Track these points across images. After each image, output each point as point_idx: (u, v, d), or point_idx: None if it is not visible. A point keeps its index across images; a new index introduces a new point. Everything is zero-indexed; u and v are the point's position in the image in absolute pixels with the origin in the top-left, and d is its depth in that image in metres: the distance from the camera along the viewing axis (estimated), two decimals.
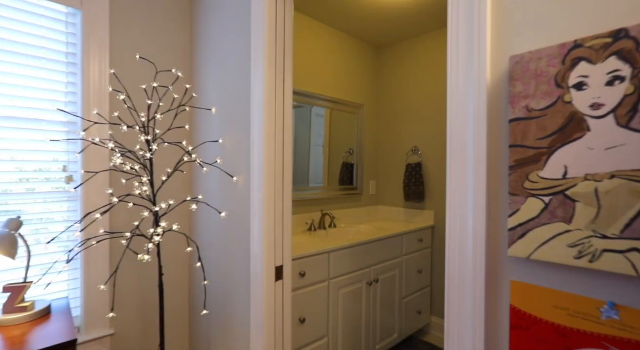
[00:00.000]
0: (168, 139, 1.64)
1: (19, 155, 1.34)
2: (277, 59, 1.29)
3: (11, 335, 1.09)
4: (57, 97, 1.43)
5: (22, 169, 1.35)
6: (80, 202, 1.47)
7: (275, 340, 1.31)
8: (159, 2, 1.67)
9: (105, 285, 1.21)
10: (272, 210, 1.27)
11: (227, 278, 1.46)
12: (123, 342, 1.58)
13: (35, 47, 1.38)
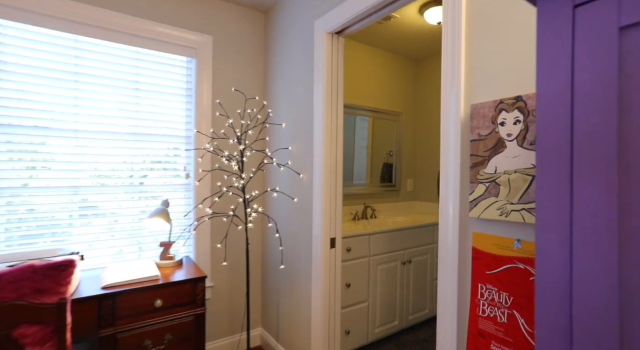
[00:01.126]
0: (254, 147, 2.24)
1: (159, 159, 2.01)
2: (332, 87, 1.81)
3: (166, 272, 1.72)
4: (179, 119, 2.08)
5: (165, 168, 2.02)
6: (193, 192, 2.11)
7: (329, 292, 1.82)
8: (243, 50, 2.28)
9: (220, 244, 1.82)
10: (327, 197, 1.79)
11: (294, 245, 2.01)
12: (218, 291, 2.21)
13: (166, 86, 2.03)
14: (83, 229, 1.80)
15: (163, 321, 1.60)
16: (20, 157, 1.64)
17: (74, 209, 1.77)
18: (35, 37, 1.67)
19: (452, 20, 1.12)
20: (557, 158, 0.48)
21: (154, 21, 1.95)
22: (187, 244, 2.12)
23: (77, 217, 1.78)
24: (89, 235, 1.81)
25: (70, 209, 1.76)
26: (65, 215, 1.76)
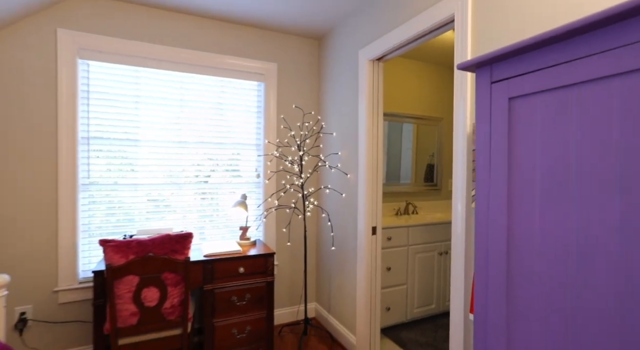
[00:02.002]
0: (311, 153, 2.74)
1: (240, 163, 2.58)
2: (373, 104, 2.21)
3: (244, 249, 2.27)
4: (251, 131, 2.64)
5: (250, 170, 2.59)
6: (263, 188, 2.66)
7: (371, 272, 2.22)
8: (301, 73, 2.78)
9: (285, 229, 2.33)
10: (369, 193, 2.19)
11: (343, 232, 2.45)
12: (281, 269, 2.73)
13: (242, 105, 2.60)
14: (179, 214, 2.43)
15: (244, 284, 2.14)
16: (154, 162, 2.31)
17: (171, 200, 2.41)
18: (156, 76, 2.33)
19: (461, 50, 1.47)
20: (483, 167, 0.86)
21: (232, 56, 2.53)
22: (259, 229, 2.67)
23: (172, 205, 2.42)
24: (183, 220, 2.44)
25: (169, 200, 2.41)
26: (162, 204, 2.40)
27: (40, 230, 2.05)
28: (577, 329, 0.67)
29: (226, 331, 2.09)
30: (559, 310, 0.71)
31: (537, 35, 0.71)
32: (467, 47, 1.45)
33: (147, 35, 2.27)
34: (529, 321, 0.76)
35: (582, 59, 0.66)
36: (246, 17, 2.43)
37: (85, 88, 2.17)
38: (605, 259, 0.63)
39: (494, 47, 1.34)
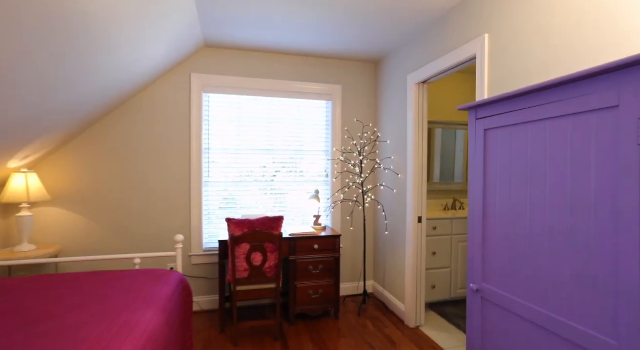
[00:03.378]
0: (369, 157, 3.36)
1: (311, 166, 3.30)
2: (419, 118, 2.74)
3: (318, 232, 2.97)
4: (321, 140, 3.34)
5: (321, 172, 3.31)
6: (330, 186, 3.34)
7: (417, 255, 2.76)
8: (361, 91, 3.40)
9: (349, 217, 3.00)
10: (416, 189, 2.74)
11: (394, 220, 3.02)
12: (345, 251, 3.39)
13: (315, 119, 3.32)
14: (269, 203, 3.22)
15: (318, 257, 2.84)
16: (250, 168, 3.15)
17: (262, 194, 3.21)
18: (252, 100, 3.15)
19: (480, 82, 1.97)
20: (473, 167, 1.41)
21: (306, 82, 3.25)
22: (328, 218, 3.37)
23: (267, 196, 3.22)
24: (272, 208, 3.23)
25: (261, 194, 3.20)
26: (257, 196, 3.20)
27: (180, 214, 2.98)
28: (513, 247, 1.20)
29: (304, 292, 2.81)
30: (505, 238, 1.24)
31: (496, 96, 1.25)
32: (484, 80, 1.95)
33: (247, 71, 3.10)
34: (492, 245, 1.30)
35: (517, 111, 1.18)
36: (318, 50, 3.14)
37: (207, 113, 3.06)
38: (523, 217, 1.16)
39: (503, 82, 1.83)
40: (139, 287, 1.79)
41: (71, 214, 2.74)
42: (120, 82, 2.40)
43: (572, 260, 1.02)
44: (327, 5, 2.23)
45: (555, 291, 1.07)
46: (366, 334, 2.66)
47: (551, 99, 1.08)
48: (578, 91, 0.99)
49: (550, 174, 1.09)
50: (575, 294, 1.01)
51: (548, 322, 1.08)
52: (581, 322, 0.98)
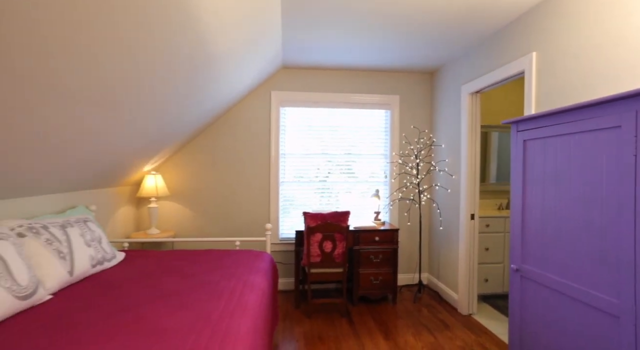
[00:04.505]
0: (424, 160, 3.70)
1: (370, 167, 3.73)
2: (472, 124, 3.02)
3: (378, 226, 3.38)
4: (380, 145, 3.75)
5: (376, 173, 3.73)
6: (389, 185, 3.73)
7: (469, 249, 3.04)
8: (417, 100, 3.75)
9: (406, 213, 3.38)
10: (469, 188, 3.02)
11: (448, 217, 3.32)
12: (401, 245, 3.75)
13: (374, 127, 3.73)
14: (334, 200, 3.70)
15: (378, 248, 3.25)
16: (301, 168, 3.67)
17: (327, 192, 3.70)
18: (319, 111, 3.67)
19: (527, 95, 2.24)
20: (515, 172, 1.74)
21: (367, 93, 3.68)
22: (386, 214, 3.76)
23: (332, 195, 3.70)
24: (337, 204, 3.70)
25: (327, 192, 3.70)
26: (324, 194, 3.70)
27: (260, 208, 3.60)
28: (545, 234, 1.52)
29: (366, 277, 3.24)
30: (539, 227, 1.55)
31: (531, 114, 1.57)
32: (531, 94, 2.21)
33: (316, 87, 3.62)
34: (529, 232, 1.62)
35: (549, 126, 1.49)
36: (378, 65, 3.55)
37: (283, 123, 3.65)
38: (552, 210, 1.47)
39: (549, 97, 2.09)
40: (244, 261, 2.38)
41: (181, 207, 3.49)
42: (220, 103, 3.06)
43: (588, 243, 1.33)
44: (393, 28, 2.64)
45: (575, 267, 1.38)
46: (421, 317, 3.01)
47: (574, 118, 1.40)
48: (593, 113, 1.31)
49: (573, 176, 1.41)
50: (589, 268, 1.32)
51: (570, 290, 1.40)
52: (593, 288, 1.30)
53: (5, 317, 1.38)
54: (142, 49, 1.51)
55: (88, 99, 1.57)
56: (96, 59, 1.36)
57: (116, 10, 1.20)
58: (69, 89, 1.42)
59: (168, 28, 1.52)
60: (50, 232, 1.81)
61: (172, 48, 1.69)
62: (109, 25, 1.24)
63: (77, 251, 1.90)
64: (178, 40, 1.66)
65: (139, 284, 1.86)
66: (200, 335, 1.28)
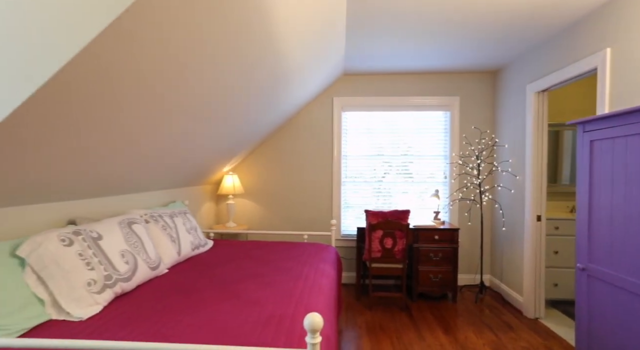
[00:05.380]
0: (486, 160, 3.67)
1: (427, 168, 3.80)
2: (538, 124, 2.96)
3: (437, 225, 3.45)
4: (439, 146, 3.79)
5: (433, 174, 3.80)
6: (449, 186, 3.77)
7: (535, 252, 2.97)
8: (478, 101, 3.73)
9: (467, 213, 3.40)
10: (535, 189, 2.96)
11: (512, 218, 3.27)
12: (462, 245, 3.75)
13: (433, 129, 3.79)
14: (394, 199, 3.83)
15: (437, 247, 3.32)
16: (374, 168, 3.84)
17: (386, 191, 3.84)
18: (379, 114, 3.83)
19: (601, 92, 2.18)
20: (581, 172, 1.76)
21: (426, 96, 3.76)
22: (446, 214, 3.80)
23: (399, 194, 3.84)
24: (395, 203, 3.83)
25: (385, 191, 3.84)
26: (382, 193, 3.84)
27: (323, 206, 3.87)
28: (613, 234, 1.53)
29: (425, 274, 3.33)
30: (607, 227, 1.57)
31: (597, 115, 1.59)
32: (605, 92, 2.16)
33: (375, 91, 3.80)
34: (595, 232, 1.64)
35: (617, 127, 1.51)
36: (438, 67, 3.62)
37: (345, 127, 3.88)
38: (621, 209, 1.48)
39: (624, 95, 2.04)
40: (313, 252, 2.65)
41: (253, 203, 3.91)
42: (289, 109, 3.39)
43: None
44: (457, 31, 2.73)
45: None
46: (483, 316, 3.02)
47: None
48: None
49: None
50: None
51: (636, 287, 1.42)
52: None
53: (142, 282, 1.81)
54: (235, 68, 1.86)
55: (192, 114, 1.96)
56: (201, 80, 1.73)
57: (218, 41, 1.53)
58: (181, 106, 1.80)
59: (254, 51, 1.84)
60: (164, 220, 2.26)
61: (256, 66, 2.02)
62: (211, 52, 1.58)
63: (182, 236, 2.33)
64: (261, 58, 1.98)
65: (229, 266, 2.22)
66: (288, 305, 1.56)
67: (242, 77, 1.99)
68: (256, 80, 2.17)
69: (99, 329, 1.33)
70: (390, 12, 2.31)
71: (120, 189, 2.19)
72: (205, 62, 1.59)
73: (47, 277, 1.42)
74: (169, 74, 1.48)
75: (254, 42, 1.74)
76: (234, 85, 2.00)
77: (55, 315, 1.41)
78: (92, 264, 1.55)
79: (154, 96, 1.55)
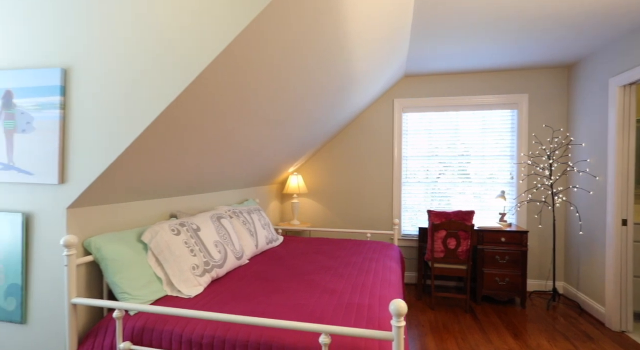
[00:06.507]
0: (559, 160, 3.46)
1: (492, 168, 3.67)
2: (624, 121, 2.73)
3: (503, 228, 3.34)
4: (503, 145, 3.65)
5: (496, 174, 3.67)
6: (516, 187, 3.61)
7: (621, 258, 2.75)
8: (549, 98, 3.52)
9: (537, 215, 3.25)
10: (619, 191, 2.74)
11: (590, 222, 3.05)
12: (530, 249, 3.57)
13: (497, 128, 3.66)
14: (454, 200, 3.77)
15: (504, 249, 3.22)
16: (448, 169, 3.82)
17: (447, 192, 3.78)
18: (440, 115, 3.80)
19: None
20: None
21: (492, 94, 3.64)
22: (513, 216, 3.65)
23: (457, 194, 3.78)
24: (457, 203, 3.76)
25: (446, 192, 3.78)
26: (443, 193, 3.79)
27: (382, 205, 3.94)
28: None
29: (491, 277, 3.24)
30: None
31: None
32: None
33: (436, 91, 3.78)
34: None
35: None
36: (504, 64, 3.50)
37: (405, 128, 3.92)
38: None
39: None
40: (378, 249, 2.75)
41: (314, 202, 4.12)
42: (352, 111, 3.53)
43: None
44: (532, 25, 2.62)
45: None
46: (557, 324, 2.87)
47: None
48: None
49: None
50: None
51: None
52: None
53: (229, 270, 2.07)
54: (314, 78, 2.03)
55: (271, 119, 2.18)
56: (287, 90, 1.93)
57: (306, 55, 1.71)
58: (264, 114, 2.03)
59: (329, 61, 2.00)
60: (244, 216, 2.53)
61: (329, 74, 2.18)
62: (299, 64, 1.76)
63: (258, 231, 2.58)
64: (333, 67, 2.14)
65: (300, 259, 2.42)
66: (363, 295, 1.69)
67: (317, 85, 2.17)
68: (326, 87, 2.34)
69: (206, 306, 1.57)
70: (460, 11, 2.33)
71: (208, 187, 2.50)
72: (294, 74, 1.78)
73: (163, 260, 1.71)
74: (267, 88, 1.70)
75: (330, 54, 1.90)
76: (308, 92, 2.19)
77: (169, 292, 1.69)
78: (194, 251, 1.82)
79: (249, 106, 1.78)
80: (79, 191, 1.46)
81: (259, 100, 1.82)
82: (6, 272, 1.48)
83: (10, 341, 1.55)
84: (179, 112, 1.43)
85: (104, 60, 1.38)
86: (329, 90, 2.42)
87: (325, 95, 2.47)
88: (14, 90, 1.46)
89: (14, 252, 1.48)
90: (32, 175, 1.47)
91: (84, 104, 1.43)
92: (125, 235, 1.69)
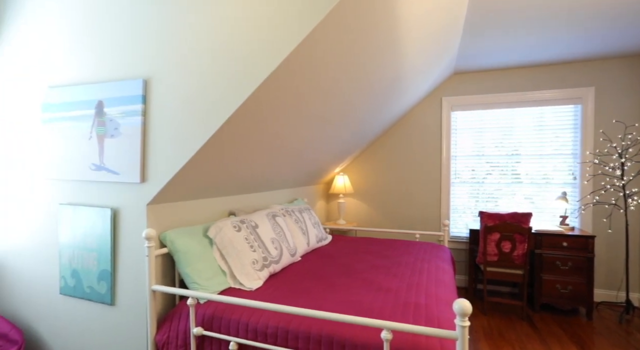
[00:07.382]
0: (634, 159, 3.17)
1: (544, 168, 3.44)
2: None
3: (565, 232, 3.11)
4: (564, 143, 3.40)
5: (546, 174, 3.43)
6: (579, 188, 3.35)
7: None
8: (620, 90, 3.23)
9: (605, 219, 3.00)
10: None
11: None
12: (597, 256, 3.30)
13: (556, 125, 3.42)
14: (505, 201, 3.58)
15: (566, 254, 3.01)
16: (498, 169, 3.66)
17: (497, 193, 3.60)
18: (492, 113, 3.63)
19: None
20: None
21: (552, 89, 3.41)
22: (575, 219, 3.40)
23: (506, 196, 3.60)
24: (511, 204, 3.57)
25: (495, 193, 3.60)
26: (493, 194, 3.61)
27: (430, 206, 3.85)
28: None
29: (550, 284, 3.04)
30: None
31: None
32: None
33: (488, 89, 3.62)
34: None
35: None
36: (564, 57, 3.27)
37: (454, 127, 3.80)
38: None
39: None
40: (429, 250, 2.71)
41: (360, 202, 4.13)
42: (399, 110, 3.50)
43: None
44: (601, 12, 2.45)
45: None
46: (632, 340, 2.63)
47: None
48: None
49: None
50: None
51: None
52: None
53: (284, 266, 2.16)
54: (368, 79, 2.07)
55: (322, 120, 2.25)
56: (342, 93, 1.98)
57: (362, 63, 1.75)
58: (318, 115, 2.09)
59: (381, 62, 2.02)
60: (296, 214, 2.62)
61: (379, 75, 2.20)
62: (355, 68, 1.81)
63: (309, 230, 2.66)
64: (383, 67, 2.15)
65: (351, 258, 2.46)
66: (418, 295, 1.69)
67: (367, 84, 2.20)
68: (376, 87, 2.36)
69: (267, 299, 1.67)
70: (516, 2, 2.23)
71: (261, 187, 2.63)
72: (346, 73, 1.83)
73: (226, 255, 1.84)
74: (321, 89, 1.77)
75: (381, 53, 1.92)
76: (358, 92, 2.22)
77: (232, 284, 1.82)
78: (254, 247, 1.93)
79: (304, 108, 1.86)
80: (157, 189, 1.62)
81: (313, 101, 1.89)
82: (99, 259, 1.69)
83: (102, 320, 1.76)
84: (242, 117, 1.54)
85: (178, 71, 1.53)
86: (378, 89, 2.44)
87: (375, 95, 2.49)
88: (104, 100, 1.66)
89: (105, 242, 1.68)
90: (118, 175, 1.66)
91: (161, 111, 1.58)
92: (193, 230, 1.84)
